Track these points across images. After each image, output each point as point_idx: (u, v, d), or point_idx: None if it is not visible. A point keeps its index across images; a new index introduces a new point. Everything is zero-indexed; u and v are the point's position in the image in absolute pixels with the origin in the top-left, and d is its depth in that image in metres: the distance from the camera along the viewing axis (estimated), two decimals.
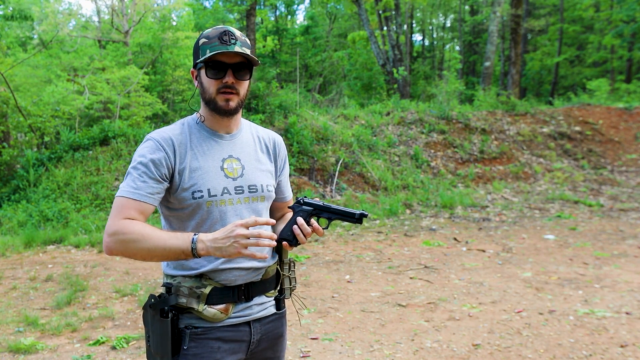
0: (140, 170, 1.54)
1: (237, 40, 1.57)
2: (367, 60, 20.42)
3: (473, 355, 3.58)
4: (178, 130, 1.64)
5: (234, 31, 1.59)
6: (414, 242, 7.23)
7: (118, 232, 1.48)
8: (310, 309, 4.59)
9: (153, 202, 1.55)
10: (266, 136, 1.79)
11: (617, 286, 5.02)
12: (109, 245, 1.49)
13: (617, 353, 3.55)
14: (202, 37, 1.60)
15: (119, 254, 1.52)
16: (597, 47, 25.99)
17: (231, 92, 1.58)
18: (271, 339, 1.74)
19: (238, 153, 1.67)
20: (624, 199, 9.98)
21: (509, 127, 13.31)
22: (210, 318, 1.58)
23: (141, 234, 1.47)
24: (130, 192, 1.53)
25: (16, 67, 13.16)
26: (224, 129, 1.67)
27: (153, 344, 1.59)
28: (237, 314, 1.63)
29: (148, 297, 1.58)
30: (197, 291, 1.57)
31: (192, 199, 1.57)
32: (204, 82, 1.60)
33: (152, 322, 1.58)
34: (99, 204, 8.79)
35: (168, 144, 1.58)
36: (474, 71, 30.31)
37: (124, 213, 1.51)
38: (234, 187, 1.62)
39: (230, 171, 1.63)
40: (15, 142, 11.24)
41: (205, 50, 1.57)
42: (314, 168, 10.44)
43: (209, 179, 1.59)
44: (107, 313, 4.53)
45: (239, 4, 18.98)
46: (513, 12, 16.89)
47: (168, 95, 17.24)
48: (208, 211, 1.58)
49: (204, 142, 1.63)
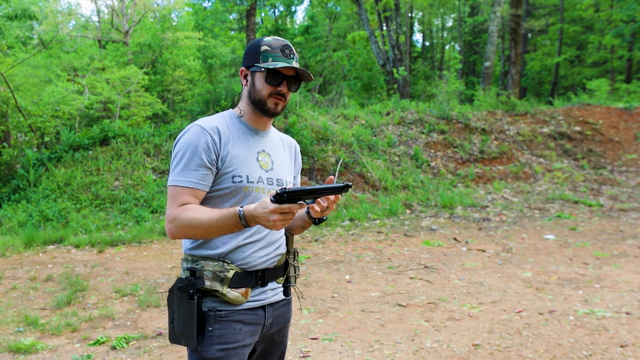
0: (190, 157, 1.65)
1: (294, 55, 1.75)
2: (367, 60, 20.41)
3: (473, 355, 3.58)
4: (220, 121, 1.76)
5: (292, 47, 1.77)
6: (414, 242, 7.22)
7: (176, 218, 1.61)
8: (310, 309, 4.59)
9: (205, 188, 1.67)
10: (287, 140, 1.99)
11: (617, 286, 5.02)
12: (171, 230, 1.64)
13: (617, 353, 3.55)
14: (263, 44, 1.73)
15: (181, 237, 1.66)
16: (597, 47, 26.00)
17: (280, 98, 1.74)
18: (280, 323, 1.87)
19: (269, 149, 1.83)
20: (624, 199, 9.98)
21: (509, 127, 13.31)
22: (233, 300, 1.68)
23: (194, 218, 1.59)
24: (183, 180, 1.64)
25: (16, 67, 13.16)
26: (262, 127, 1.82)
27: (178, 326, 1.68)
28: (254, 297, 1.75)
29: (176, 281, 1.68)
30: (220, 275, 1.67)
31: (231, 183, 1.69)
32: (258, 84, 1.73)
33: (178, 304, 1.67)
34: (99, 204, 8.79)
35: (214, 130, 1.69)
36: (474, 71, 30.30)
37: (180, 200, 1.63)
38: (266, 178, 1.77)
39: (264, 163, 1.78)
40: (15, 142, 11.25)
41: (267, 57, 1.71)
42: (314, 168, 10.44)
43: (247, 167, 1.73)
44: (107, 313, 4.53)
45: (238, 3, 18.98)
46: (513, 12, 16.89)
47: (168, 95, 17.24)
48: (244, 195, 1.71)
49: (242, 135, 1.77)
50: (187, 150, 1.65)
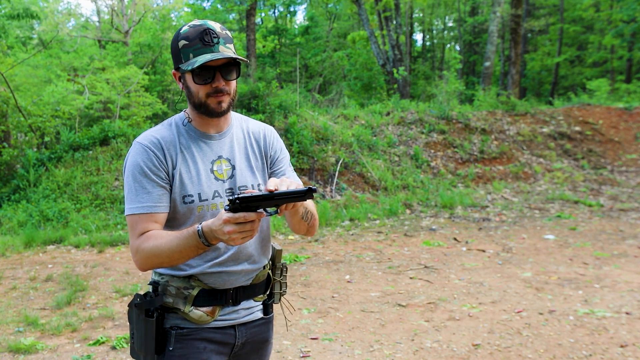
0: (139, 180, 1.50)
1: (219, 38, 1.48)
2: (367, 60, 20.41)
3: (473, 355, 3.58)
4: (166, 131, 1.58)
5: (214, 27, 1.49)
6: (414, 242, 7.23)
7: (138, 250, 1.48)
8: (310, 309, 4.59)
9: (164, 209, 1.52)
10: (256, 130, 1.71)
11: (617, 286, 5.02)
12: (138, 263, 1.51)
13: (617, 353, 3.55)
14: (180, 38, 1.49)
15: (151, 268, 1.53)
16: (597, 47, 25.98)
17: (222, 95, 1.52)
18: (256, 343, 1.70)
19: (227, 153, 1.62)
20: (624, 199, 9.98)
21: (509, 127, 13.31)
22: (196, 320, 1.56)
23: (155, 246, 1.45)
24: (138, 207, 1.50)
25: (16, 67, 13.15)
26: (215, 128, 1.61)
27: (137, 343, 1.57)
28: (223, 317, 1.60)
29: (134, 296, 1.56)
30: (184, 292, 1.55)
31: (182, 204, 1.53)
32: (192, 87, 1.53)
33: (136, 321, 1.56)
34: (99, 204, 8.79)
35: (157, 146, 1.53)
36: (474, 71, 30.29)
37: (139, 229, 1.49)
38: (224, 190, 1.58)
39: (220, 173, 1.58)
40: (15, 142, 11.24)
41: (188, 54, 1.48)
42: (314, 168, 10.44)
43: (199, 183, 1.55)
44: (107, 313, 4.53)
45: (238, 4, 18.98)
46: (513, 12, 16.88)
47: (168, 95, 17.23)
48: (199, 216, 1.54)
49: (193, 144, 1.57)
50: (134, 174, 1.50)
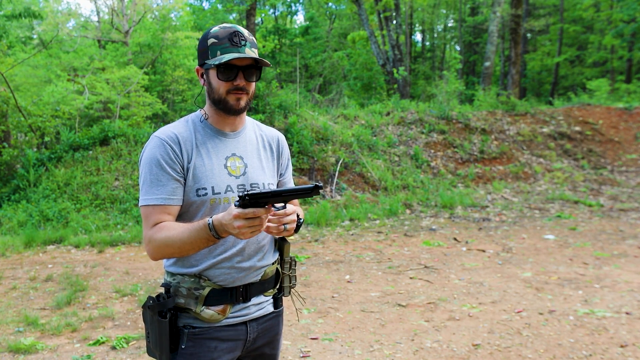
0: (155, 173, 1.56)
1: (246, 41, 1.59)
2: (367, 60, 20.41)
3: (473, 355, 3.58)
4: (182, 127, 1.65)
5: (243, 31, 1.59)
6: (414, 242, 7.22)
7: (151, 240, 1.54)
8: (310, 309, 4.59)
9: (177, 202, 1.58)
10: (269, 134, 1.81)
11: (617, 286, 5.02)
12: (150, 252, 1.57)
13: (617, 353, 3.55)
14: (210, 37, 1.59)
15: (161, 258, 1.59)
16: (597, 47, 25.99)
17: (241, 93, 1.60)
18: (268, 336, 1.76)
19: (241, 151, 1.69)
20: (624, 199, 9.98)
21: (509, 127, 13.31)
22: (207, 319, 1.60)
23: (167, 237, 1.51)
24: (152, 198, 1.56)
25: (16, 67, 13.15)
26: (230, 127, 1.69)
27: (152, 342, 1.63)
28: (235, 314, 1.65)
29: (147, 298, 1.61)
30: (195, 292, 1.59)
31: (196, 196, 1.59)
32: (214, 82, 1.61)
33: (151, 321, 1.62)
34: (99, 204, 8.79)
35: (173, 140, 1.59)
36: (474, 71, 30.29)
37: (152, 219, 1.56)
38: (236, 185, 1.63)
39: (234, 169, 1.65)
40: (15, 142, 11.24)
41: (216, 51, 1.57)
42: (314, 168, 10.44)
43: (213, 177, 1.61)
44: (107, 313, 4.53)
45: (238, 4, 18.97)
46: (513, 12, 16.88)
47: (168, 95, 17.22)
48: (211, 208, 1.59)
49: (208, 140, 1.64)
50: (151, 166, 1.57)
